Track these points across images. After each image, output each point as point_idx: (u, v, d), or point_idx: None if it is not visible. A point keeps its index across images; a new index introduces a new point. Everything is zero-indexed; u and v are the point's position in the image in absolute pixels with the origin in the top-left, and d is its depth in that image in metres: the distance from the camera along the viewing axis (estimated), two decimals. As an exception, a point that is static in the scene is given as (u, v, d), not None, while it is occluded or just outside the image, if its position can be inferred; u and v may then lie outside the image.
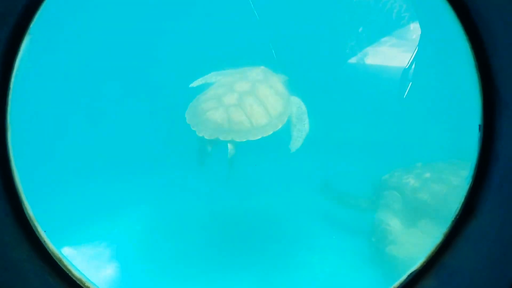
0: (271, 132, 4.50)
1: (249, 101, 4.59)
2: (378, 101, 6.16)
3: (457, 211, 1.23)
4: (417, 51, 6.31)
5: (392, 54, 7.23)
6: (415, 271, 1.33)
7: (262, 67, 5.11)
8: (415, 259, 3.67)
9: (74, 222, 4.97)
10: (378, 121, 6.02)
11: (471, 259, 1.15)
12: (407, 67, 6.35)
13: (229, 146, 4.45)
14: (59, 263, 1.20)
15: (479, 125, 1.14)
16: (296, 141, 4.68)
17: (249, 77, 4.89)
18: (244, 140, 4.44)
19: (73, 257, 4.57)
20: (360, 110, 6.20)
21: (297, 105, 4.82)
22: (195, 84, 5.17)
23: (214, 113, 4.53)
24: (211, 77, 5.17)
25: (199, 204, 5.50)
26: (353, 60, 6.88)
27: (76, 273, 1.23)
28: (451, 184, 4.36)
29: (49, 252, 1.19)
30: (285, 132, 4.84)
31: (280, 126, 4.57)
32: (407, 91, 6.38)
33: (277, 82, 4.90)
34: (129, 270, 4.38)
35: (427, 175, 4.53)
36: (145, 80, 6.53)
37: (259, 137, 4.46)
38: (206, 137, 4.48)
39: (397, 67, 6.52)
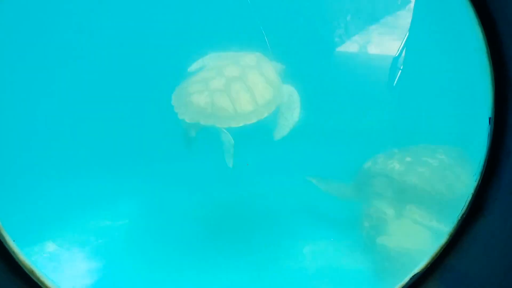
0: (255, 120, 4.42)
1: (236, 87, 4.52)
2: (368, 89, 6.09)
3: (464, 209, 1.15)
4: (407, 38, 6.24)
5: (381, 42, 7.15)
6: (418, 273, 1.23)
7: (258, 53, 4.98)
8: (407, 250, 3.66)
9: (49, 223, 4.81)
10: (368, 109, 5.96)
11: (480, 262, 1.07)
12: (396, 55, 6.27)
13: (224, 134, 4.36)
14: (31, 276, 1.08)
15: (489, 118, 1.05)
16: (281, 130, 4.60)
17: (241, 62, 4.78)
18: (226, 126, 4.40)
19: (53, 259, 4.42)
20: (349, 99, 6.12)
21: (288, 94, 4.73)
22: (192, 68, 5.03)
23: (198, 96, 4.46)
24: (208, 60, 5.03)
25: (184, 196, 5.36)
26: (341, 48, 6.78)
27: (50, 285, 1.12)
28: (432, 166, 4.42)
29: (20, 264, 1.07)
30: (274, 121, 4.77)
31: (266, 115, 4.48)
32: (396, 78, 6.32)
33: (270, 70, 4.78)
34: (113, 269, 4.25)
35: (408, 159, 4.51)
36: (133, 64, 6.29)
37: (242, 124, 4.40)
38: (187, 120, 4.44)
39: (386, 56, 6.44)
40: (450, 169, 4.43)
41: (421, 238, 3.81)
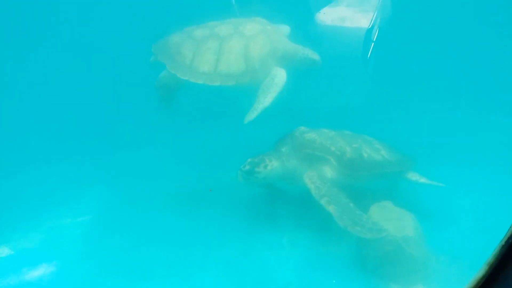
0: (201, 82, 4.46)
1: (209, 45, 4.54)
2: (342, 63, 5.81)
3: (509, 234, 0.85)
4: (377, 12, 5.98)
5: (350, 14, 6.84)
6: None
7: (259, 18, 4.82)
8: (392, 237, 3.47)
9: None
10: (344, 84, 5.72)
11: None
12: (369, 27, 6.00)
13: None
14: None
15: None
16: (252, 113, 4.36)
17: (239, 28, 4.65)
18: (184, 78, 4.50)
19: (5, 264, 3.95)
20: (323, 73, 5.83)
21: (272, 76, 4.43)
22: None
23: (174, 38, 4.70)
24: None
25: (151, 187, 4.97)
26: (313, 21, 6.43)
27: None
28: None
29: None
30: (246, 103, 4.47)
31: (217, 83, 4.44)
32: (370, 51, 6.08)
33: (263, 46, 4.54)
34: (75, 272, 3.83)
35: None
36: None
37: (201, 83, 4.45)
38: (157, 59, 4.63)
39: (359, 28, 6.16)
40: None
41: (404, 221, 3.63)
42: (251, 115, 4.32)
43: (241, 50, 4.49)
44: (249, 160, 4.04)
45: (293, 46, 4.67)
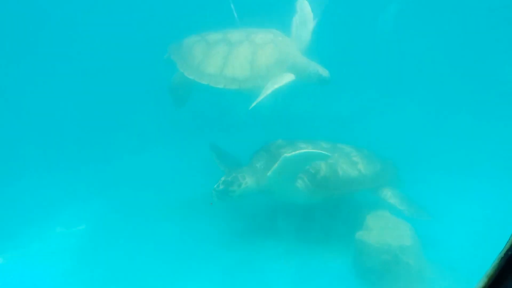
0: (205, 83, 4.51)
1: (219, 50, 4.64)
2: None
3: (510, 243, 0.85)
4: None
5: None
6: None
7: (274, 29, 4.85)
8: (388, 246, 3.46)
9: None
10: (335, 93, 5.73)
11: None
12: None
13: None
14: None
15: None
16: (255, 101, 4.37)
17: (251, 36, 4.72)
18: (190, 77, 4.59)
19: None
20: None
21: (280, 76, 4.51)
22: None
23: (189, 40, 4.87)
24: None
25: (147, 195, 4.93)
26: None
27: None
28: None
29: None
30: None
31: (220, 86, 4.48)
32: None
33: (271, 55, 4.58)
34: (69, 282, 3.78)
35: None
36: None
37: (205, 83, 4.52)
38: (170, 57, 4.76)
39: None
40: None
41: (400, 230, 3.62)
42: (255, 102, 4.34)
43: (249, 56, 4.56)
44: (222, 179, 3.93)
45: (304, 60, 4.66)
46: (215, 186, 3.91)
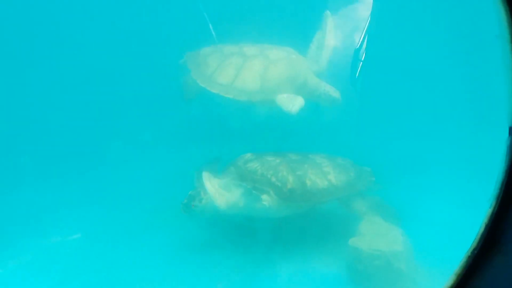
0: (216, 92, 4.61)
1: (232, 61, 4.74)
2: (330, 82, 5.93)
3: (475, 243, 0.92)
4: (367, 29, 6.11)
5: (339, 35, 6.98)
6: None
7: (288, 48, 4.98)
8: (380, 252, 3.52)
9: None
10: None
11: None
12: (358, 46, 6.14)
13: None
14: None
15: (510, 128, 0.82)
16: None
17: (265, 51, 4.84)
18: (203, 85, 4.68)
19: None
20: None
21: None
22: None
23: (206, 50, 4.96)
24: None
25: (145, 202, 4.98)
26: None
27: None
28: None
29: None
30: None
31: (230, 96, 4.58)
32: (358, 70, 6.20)
33: (282, 71, 4.71)
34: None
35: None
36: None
37: (215, 92, 4.62)
38: (185, 64, 4.88)
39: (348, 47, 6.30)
40: None
41: (392, 236, 3.68)
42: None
43: (260, 70, 4.66)
44: (190, 192, 3.93)
45: (315, 81, 4.81)
46: (184, 199, 3.95)
